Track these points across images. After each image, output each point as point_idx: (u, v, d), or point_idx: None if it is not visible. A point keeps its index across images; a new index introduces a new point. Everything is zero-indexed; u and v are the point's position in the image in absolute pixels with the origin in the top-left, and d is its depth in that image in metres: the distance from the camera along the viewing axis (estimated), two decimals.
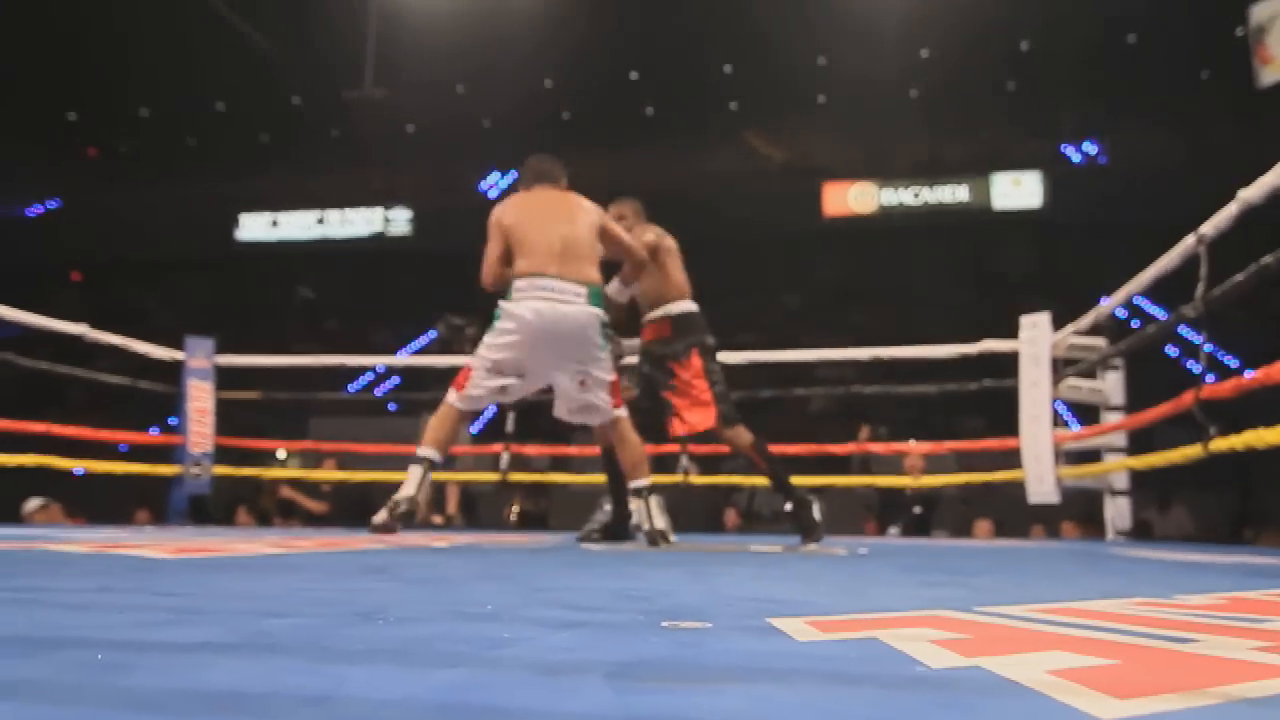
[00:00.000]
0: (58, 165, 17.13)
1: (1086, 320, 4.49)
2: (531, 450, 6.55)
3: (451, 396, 3.08)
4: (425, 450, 3.03)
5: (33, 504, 5.51)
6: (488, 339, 3.05)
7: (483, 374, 3.03)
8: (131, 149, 17.37)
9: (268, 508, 6.57)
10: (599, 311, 3.06)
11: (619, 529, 3.55)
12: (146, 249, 16.18)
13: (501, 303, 3.05)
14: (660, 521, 3.17)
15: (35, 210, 17.79)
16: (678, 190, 14.18)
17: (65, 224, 17.14)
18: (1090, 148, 15.19)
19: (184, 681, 0.69)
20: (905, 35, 13.24)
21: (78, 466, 4.96)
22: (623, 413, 3.21)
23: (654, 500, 3.21)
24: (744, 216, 14.38)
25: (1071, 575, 2.07)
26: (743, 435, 3.42)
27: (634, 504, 3.20)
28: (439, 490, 6.05)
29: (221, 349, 5.51)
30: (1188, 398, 3.11)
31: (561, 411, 3.20)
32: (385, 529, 3.01)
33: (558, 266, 3.02)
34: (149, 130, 16.83)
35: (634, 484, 3.21)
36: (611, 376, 3.15)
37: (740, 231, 14.31)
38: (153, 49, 13.93)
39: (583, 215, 3.17)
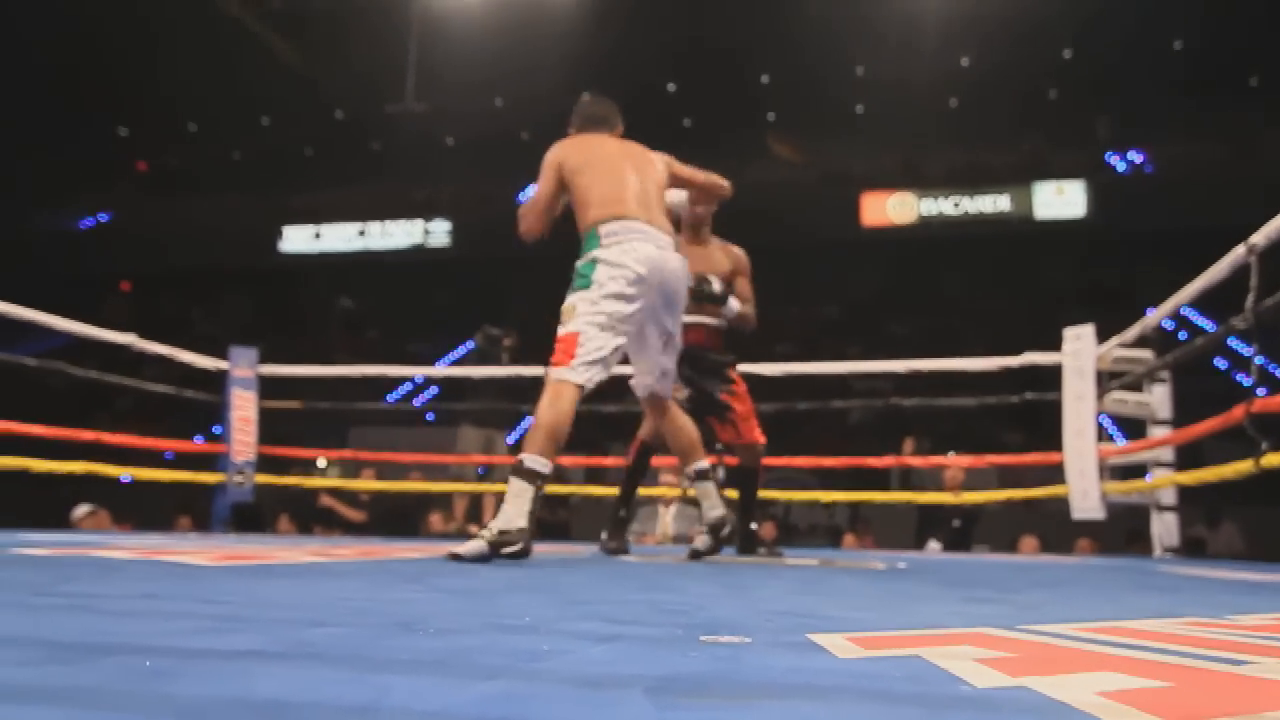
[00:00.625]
0: (109, 179, 17.61)
1: (1132, 332, 4.41)
2: (567, 462, 6.58)
3: (563, 372, 2.51)
4: (533, 461, 2.41)
5: (81, 510, 5.64)
6: (591, 294, 2.58)
7: (596, 333, 2.55)
8: (180, 163, 17.81)
9: (308, 516, 6.66)
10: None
11: (622, 538, 3.43)
12: (193, 260, 16.57)
13: (597, 252, 2.64)
14: (722, 508, 2.90)
15: (88, 223, 18.29)
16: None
17: (116, 236, 17.59)
18: (1136, 156, 14.94)
19: (229, 689, 0.70)
20: (945, 44, 13.15)
21: (125, 474, 5.07)
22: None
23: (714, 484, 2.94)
24: (782, 226, 14.35)
25: (1119, 593, 2.02)
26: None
27: (700, 486, 2.90)
28: (476, 501, 6.09)
29: (264, 359, 5.61)
30: (1238, 412, 3.04)
31: (640, 383, 2.87)
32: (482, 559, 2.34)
33: (644, 212, 2.71)
34: (197, 145, 17.24)
35: (698, 466, 2.92)
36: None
37: (778, 242, 14.28)
38: (201, 66, 14.28)
39: (651, 164, 2.86)
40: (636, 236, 2.64)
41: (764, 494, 6.31)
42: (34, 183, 15.80)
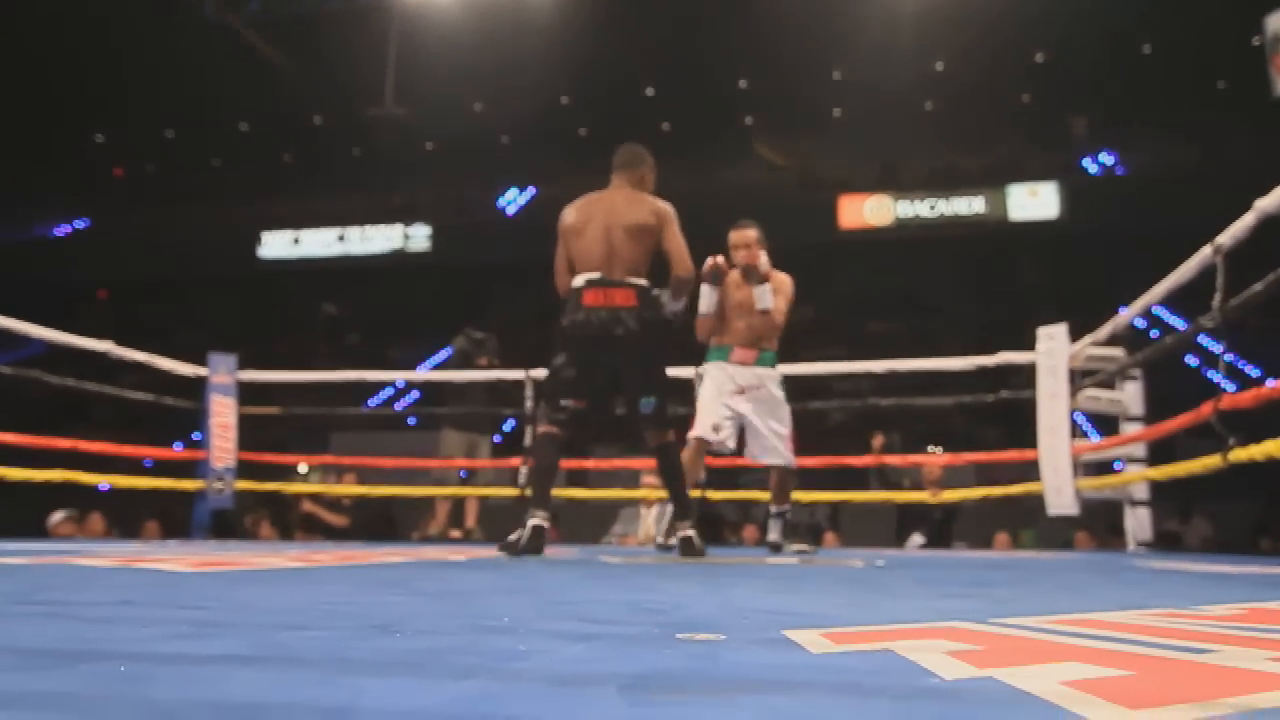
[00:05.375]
0: (86, 186, 17.42)
1: (1104, 331, 4.46)
2: None
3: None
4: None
5: (57, 517, 5.58)
6: None
7: None
8: (157, 170, 17.64)
9: (290, 522, 6.61)
10: None
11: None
12: (172, 267, 16.42)
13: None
14: None
15: (63, 230, 18.08)
16: (694, 205, 14.23)
17: (93, 243, 17.40)
18: (1107, 158, 15.10)
19: (204, 693, 0.71)
20: (920, 48, 13.25)
21: (103, 482, 5.01)
22: None
23: None
24: (760, 229, 14.41)
25: (1090, 586, 2.05)
26: None
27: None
28: (458, 504, 6.06)
29: (244, 365, 5.57)
30: (1207, 408, 3.08)
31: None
32: None
33: None
34: (174, 151, 17.09)
35: None
36: None
37: None
38: (178, 72, 14.16)
39: None
40: None
41: (746, 495, 6.36)
42: (8, 190, 15.60)
